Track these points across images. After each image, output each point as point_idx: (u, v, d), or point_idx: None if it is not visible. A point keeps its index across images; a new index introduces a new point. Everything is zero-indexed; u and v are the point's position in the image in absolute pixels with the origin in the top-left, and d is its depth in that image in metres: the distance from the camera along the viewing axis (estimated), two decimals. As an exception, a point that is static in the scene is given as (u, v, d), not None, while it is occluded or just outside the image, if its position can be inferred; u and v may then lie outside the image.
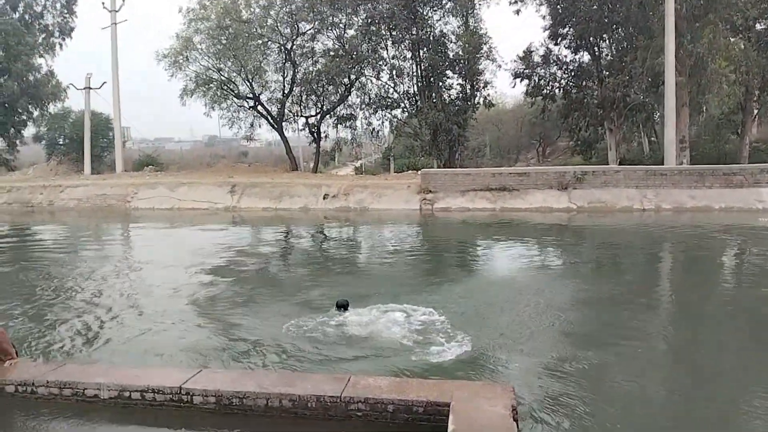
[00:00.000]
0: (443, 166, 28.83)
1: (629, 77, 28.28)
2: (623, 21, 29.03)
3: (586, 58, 31.76)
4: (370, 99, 31.73)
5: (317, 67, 31.10)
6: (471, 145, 38.59)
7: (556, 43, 31.38)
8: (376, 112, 31.98)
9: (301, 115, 33.61)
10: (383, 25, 28.96)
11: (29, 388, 5.52)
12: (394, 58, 30.13)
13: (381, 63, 30.08)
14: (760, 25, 28.09)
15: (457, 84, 30.33)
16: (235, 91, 32.81)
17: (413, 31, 28.78)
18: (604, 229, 17.65)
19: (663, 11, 24.30)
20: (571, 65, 31.88)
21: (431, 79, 29.84)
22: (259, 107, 33.25)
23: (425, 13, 29.17)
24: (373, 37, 29.17)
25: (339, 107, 32.58)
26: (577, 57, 31.89)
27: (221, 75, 32.08)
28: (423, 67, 29.70)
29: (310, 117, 33.32)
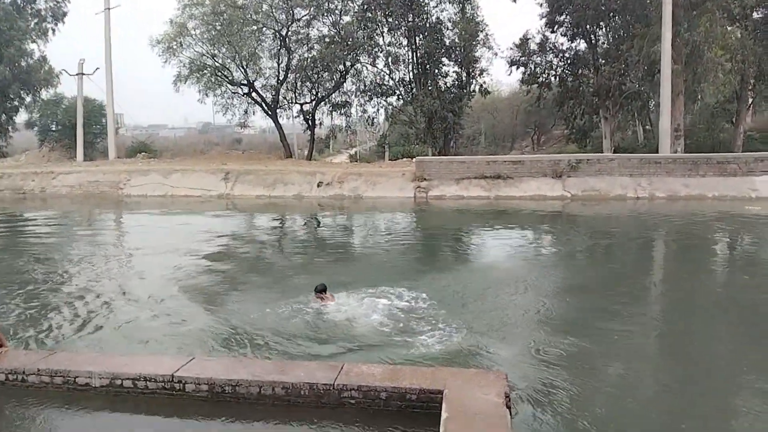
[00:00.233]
0: (438, 153, 28.77)
1: (625, 65, 28.18)
2: (620, 9, 28.89)
3: (583, 46, 31.63)
4: (366, 86, 31.53)
5: (312, 53, 30.88)
6: (466, 133, 38.51)
7: (552, 31, 31.21)
8: (372, 99, 31.82)
9: (295, 102, 33.44)
10: (379, 12, 28.72)
11: (20, 377, 5.48)
12: (390, 45, 29.91)
13: (377, 50, 29.84)
14: (757, 13, 27.97)
15: (453, 71, 30.20)
16: (229, 78, 32.56)
17: (409, 18, 28.55)
18: (598, 218, 17.69)
19: (660, -1, 24.20)
20: (568, 53, 31.74)
21: (427, 67, 29.67)
22: (254, 94, 33.04)
23: (422, -1, 28.95)
24: (369, 24, 28.92)
25: (334, 94, 32.40)
26: (574, 45, 31.74)
27: (215, 61, 31.80)
28: (419, 55, 29.51)
29: (304, 104, 33.15)
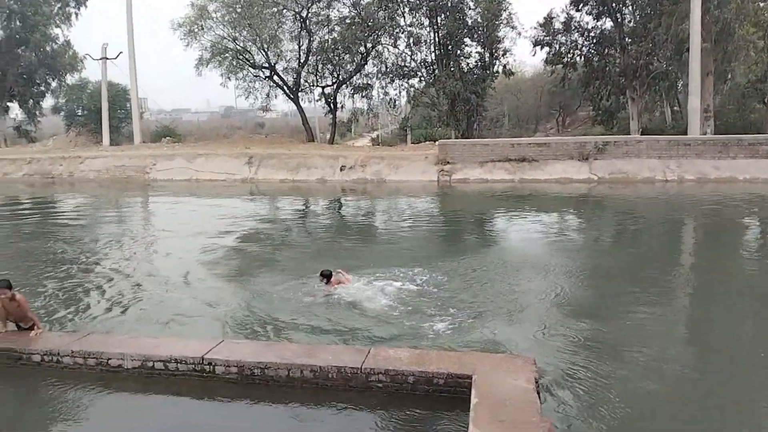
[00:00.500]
0: (461, 136, 28.49)
1: (653, 44, 27.48)
2: (648, -15, 28.15)
3: (609, 24, 30.89)
4: (387, 68, 31.27)
5: (333, 35, 30.69)
6: (489, 115, 38.02)
7: (577, 9, 30.55)
8: (393, 81, 31.54)
9: (317, 85, 33.33)
10: (400, -9, 28.39)
11: (54, 358, 5.62)
12: (411, 25, 29.57)
13: (398, 30, 29.54)
14: (791, -12, 27.06)
15: (476, 52, 29.74)
16: (251, 61, 32.56)
17: (431, -3, 28.16)
18: (625, 201, 17.38)
19: (690, -25, 23.49)
20: (593, 32, 31.04)
21: (449, 47, 29.29)
22: (275, 77, 33.00)
23: (443, -23, 28.49)
24: (389, 4, 28.56)
25: (355, 77, 32.20)
26: (599, 24, 31.04)
27: (236, 44, 31.79)
28: (441, 35, 29.11)
29: (326, 87, 33.02)
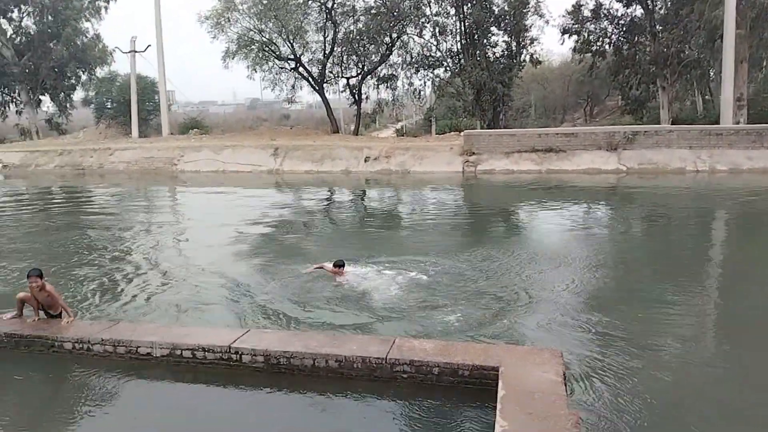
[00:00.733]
0: (487, 127, 28.22)
1: (684, 32, 26.78)
2: (680, -29, 27.41)
3: (639, 11, 30.16)
4: (412, 58, 31.12)
5: (358, 26, 30.62)
6: (515, 105, 37.64)
7: (607, -4, 29.97)
8: (418, 71, 31.39)
9: (341, 76, 33.35)
10: (426, -20, 28.17)
11: (85, 346, 5.74)
12: (436, 14, 29.32)
13: (423, 20, 29.30)
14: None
15: (503, 41, 29.38)
16: (277, 53, 32.66)
17: (457, -14, 27.89)
18: (656, 192, 17.04)
19: (724, -41, 22.79)
20: (623, 19, 30.37)
21: (475, 37, 28.96)
22: (300, 69, 33.09)
23: (469, -35, 28.14)
24: (415, -7, 28.40)
25: (380, 67, 32.11)
26: (629, 11, 30.33)
27: (263, 36, 31.91)
28: (467, 24, 28.79)
29: (350, 78, 33.04)
